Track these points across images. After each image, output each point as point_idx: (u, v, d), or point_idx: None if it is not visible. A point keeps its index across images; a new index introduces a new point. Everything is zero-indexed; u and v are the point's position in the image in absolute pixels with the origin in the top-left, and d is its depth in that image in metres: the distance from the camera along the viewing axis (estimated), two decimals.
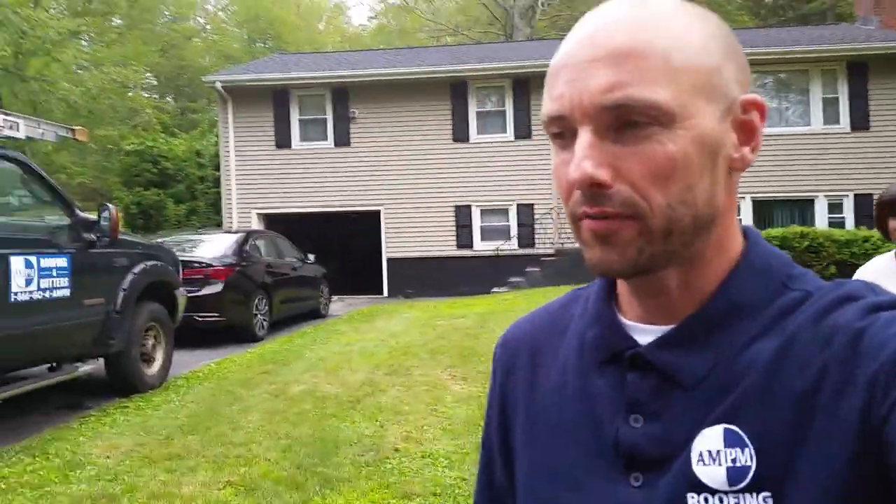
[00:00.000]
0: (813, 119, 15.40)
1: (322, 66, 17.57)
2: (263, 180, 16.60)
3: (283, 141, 16.65)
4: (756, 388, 0.59)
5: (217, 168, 19.43)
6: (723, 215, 0.64)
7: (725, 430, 0.59)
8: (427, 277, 15.84)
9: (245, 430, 5.43)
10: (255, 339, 9.37)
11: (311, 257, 12.23)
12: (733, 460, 0.58)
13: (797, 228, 13.40)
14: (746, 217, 15.34)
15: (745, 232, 0.68)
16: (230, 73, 17.90)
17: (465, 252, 16.08)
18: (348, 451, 4.98)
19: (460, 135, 16.22)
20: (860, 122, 15.31)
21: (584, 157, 0.59)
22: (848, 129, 15.33)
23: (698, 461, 0.59)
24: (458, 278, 15.50)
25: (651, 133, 0.58)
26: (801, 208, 15.07)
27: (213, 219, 20.88)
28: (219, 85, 16.38)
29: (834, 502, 0.54)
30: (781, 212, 15.11)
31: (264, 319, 9.79)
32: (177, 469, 4.58)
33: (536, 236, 15.82)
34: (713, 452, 0.59)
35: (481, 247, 16.08)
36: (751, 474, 0.58)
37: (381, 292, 16.38)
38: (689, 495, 0.59)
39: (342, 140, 16.52)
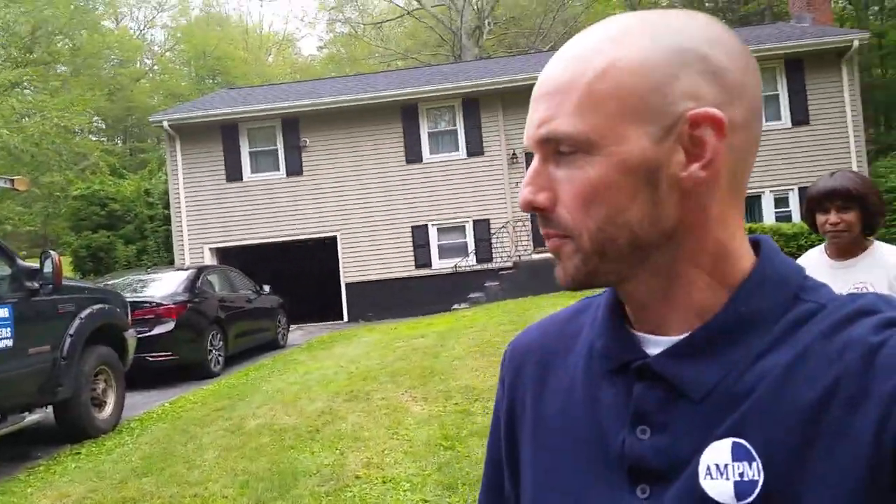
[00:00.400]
0: None
1: (271, 97, 17.51)
2: (215, 215, 16.39)
3: (233, 174, 16.49)
4: (765, 401, 0.58)
5: (167, 206, 19.13)
6: (687, 232, 0.63)
7: (734, 443, 0.58)
8: (387, 300, 15.76)
9: (201, 469, 5.28)
10: (210, 375, 9.17)
11: (267, 288, 12.07)
12: (741, 474, 0.57)
13: (745, 224, 13.71)
14: None
15: (759, 243, 0.67)
16: (177, 111, 17.74)
17: (424, 271, 16.05)
18: (308, 483, 4.88)
19: (413, 156, 16.28)
20: (800, 116, 15.78)
21: (526, 184, 0.65)
22: (789, 124, 15.78)
23: (706, 475, 0.58)
24: (419, 298, 15.45)
25: (576, 160, 0.62)
26: (749, 204, 15.40)
27: (164, 257, 20.51)
28: (166, 124, 16.21)
29: None
30: None
31: (219, 355, 9.60)
32: None
33: (494, 251, 15.89)
34: (721, 466, 0.58)
35: (440, 265, 16.08)
36: (758, 489, 0.56)
37: (341, 318, 16.24)
38: None
39: (294, 169, 16.43)
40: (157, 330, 8.72)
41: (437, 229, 16.16)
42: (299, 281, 18.56)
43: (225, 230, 16.37)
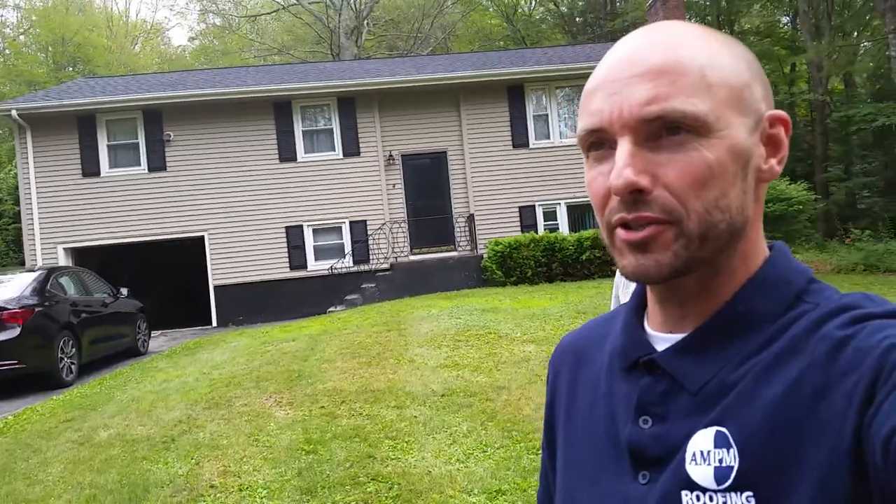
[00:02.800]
0: None
1: (132, 88, 16.57)
2: (70, 212, 15.31)
3: (90, 169, 15.48)
4: (745, 393, 0.62)
5: (17, 202, 17.67)
6: (751, 225, 0.68)
7: (716, 432, 0.62)
8: (259, 303, 15.34)
9: (43, 484, 4.97)
10: (61, 384, 8.58)
11: (125, 291, 11.42)
12: (720, 460, 0.61)
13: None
14: (562, 221, 16.34)
15: (772, 247, 0.71)
16: (28, 99, 16.40)
17: (300, 273, 15.77)
18: (159, 494, 4.71)
19: (287, 154, 15.93)
20: None
21: (626, 165, 0.62)
22: None
23: (692, 461, 0.63)
24: (293, 300, 15.16)
25: (688, 141, 0.62)
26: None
27: (14, 258, 18.95)
28: (14, 113, 14.92)
29: (820, 501, 0.55)
30: (592, 214, 16.18)
31: (72, 363, 9.00)
32: None
33: (371, 252, 15.86)
34: (704, 453, 0.62)
35: (315, 266, 15.85)
36: (734, 474, 0.60)
37: (209, 322, 15.61)
38: (683, 493, 0.62)
39: (157, 165, 15.64)
40: (2, 336, 8.06)
41: (313, 230, 15.92)
42: (164, 284, 17.71)
43: (81, 229, 15.33)
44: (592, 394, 0.77)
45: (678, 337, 0.69)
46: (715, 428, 0.62)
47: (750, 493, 0.59)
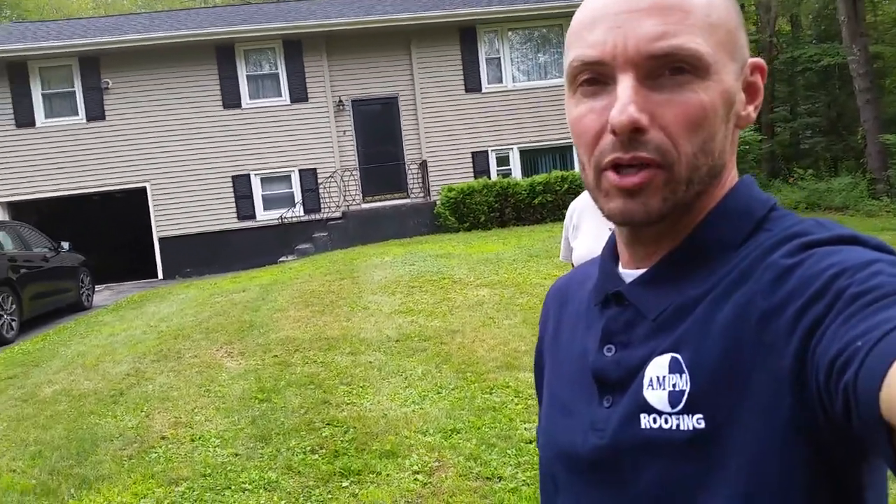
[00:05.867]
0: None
1: (67, 33, 15.66)
2: (4, 165, 14.60)
3: (24, 119, 14.72)
4: (699, 319, 0.63)
5: None
6: (726, 168, 0.68)
7: (671, 357, 0.64)
8: (207, 254, 14.99)
9: None
10: (2, 342, 8.31)
11: (67, 245, 11.02)
12: (673, 385, 0.63)
13: (559, 173, 14.55)
14: (515, 166, 16.30)
15: (739, 180, 0.72)
16: None
17: (248, 223, 15.44)
18: (108, 447, 4.62)
19: (231, 101, 15.38)
20: None
21: (630, 101, 0.61)
22: None
23: (648, 385, 0.65)
24: (243, 251, 14.87)
25: (687, 82, 0.61)
26: (562, 154, 16.27)
27: None
28: None
29: (765, 424, 0.57)
30: (545, 159, 16.22)
31: (12, 319, 8.70)
32: None
33: (322, 201, 15.59)
34: (660, 378, 0.64)
35: (265, 216, 15.53)
36: (685, 398, 0.61)
37: (155, 275, 15.21)
38: (641, 415, 0.65)
39: (96, 114, 14.95)
40: None
41: (261, 179, 15.54)
42: (107, 237, 17.18)
43: (17, 182, 14.65)
44: (573, 332, 0.79)
45: (640, 272, 0.71)
46: (670, 354, 0.64)
47: (700, 416, 0.60)
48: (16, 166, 14.65)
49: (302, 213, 15.50)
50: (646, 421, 0.64)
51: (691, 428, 0.61)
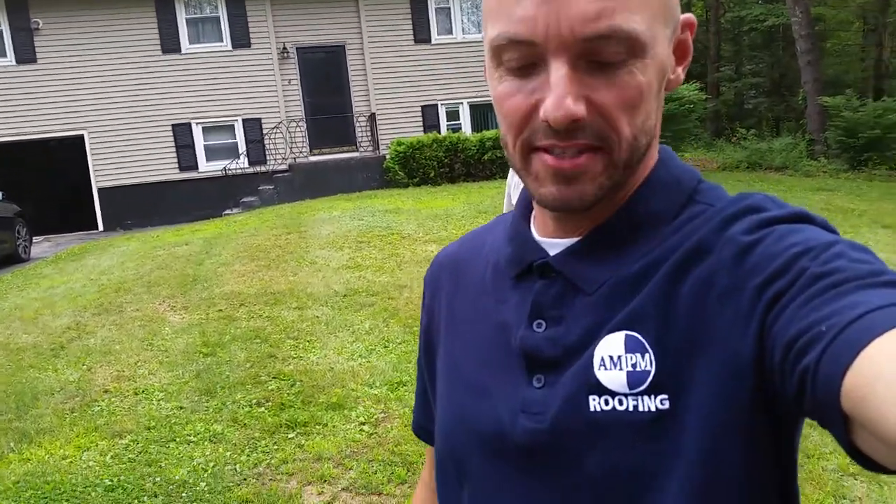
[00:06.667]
0: None
1: None
2: None
3: None
4: (654, 295, 0.60)
5: None
6: (656, 138, 0.64)
7: (627, 336, 0.60)
8: (148, 206, 14.59)
9: None
10: None
11: (0, 195, 10.58)
12: (633, 365, 0.59)
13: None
14: (465, 121, 16.25)
15: (660, 150, 0.68)
16: None
17: (190, 174, 15.04)
18: (50, 401, 4.57)
19: (170, 45, 14.78)
20: None
21: (566, 94, 0.55)
22: None
23: (600, 366, 0.60)
24: (185, 203, 14.52)
25: (624, 63, 0.56)
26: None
27: None
28: None
29: (724, 402, 0.55)
30: (495, 115, 16.15)
31: None
32: None
33: (267, 152, 15.27)
34: (614, 358, 0.59)
35: (207, 168, 15.14)
36: (650, 378, 0.58)
37: (95, 227, 14.75)
38: (590, 397, 0.60)
39: (26, 56, 14.18)
40: None
41: (203, 128, 15.10)
42: (44, 187, 16.50)
43: None
44: (476, 307, 0.73)
45: (567, 241, 0.67)
46: (624, 332, 0.60)
47: (664, 396, 0.58)
48: None
49: (247, 165, 15.17)
50: (595, 403, 0.60)
51: (654, 409, 0.58)
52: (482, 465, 0.68)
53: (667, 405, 0.57)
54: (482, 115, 16.22)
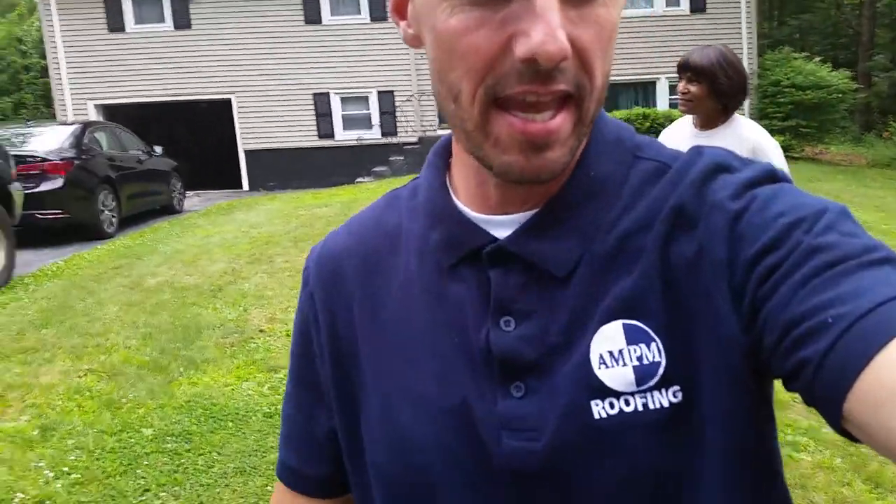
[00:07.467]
0: (656, 2, 15.91)
1: None
2: (98, 68, 15.17)
3: (115, 24, 15.18)
4: (649, 273, 0.52)
5: (43, 56, 17.52)
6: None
7: (625, 325, 0.52)
8: (289, 169, 15.46)
9: (102, 321, 5.30)
10: (104, 236, 8.90)
11: (159, 150, 11.54)
12: (639, 358, 0.51)
13: (639, 110, 14.13)
14: None
15: None
16: None
17: (328, 142, 15.77)
18: (212, 335, 5.03)
19: (312, 16, 15.43)
20: (698, 4, 15.93)
21: (559, 25, 0.45)
22: (687, 10, 15.90)
23: (600, 364, 0.51)
24: (322, 169, 15.26)
25: None
26: (644, 90, 15.83)
27: (44, 112, 19.01)
28: None
29: (730, 381, 0.50)
30: (625, 95, 15.83)
31: (112, 216, 9.29)
32: (32, 361, 4.47)
33: (398, 124, 15.73)
34: (615, 353, 0.51)
35: (343, 136, 15.81)
36: (661, 370, 0.51)
37: (240, 186, 15.83)
38: (592, 402, 0.51)
39: (182, 22, 15.29)
40: (45, 186, 8.27)
41: (340, 99, 15.75)
42: (195, 145, 17.79)
43: (110, 86, 15.26)
44: (407, 307, 0.60)
45: (510, 217, 0.56)
46: (621, 321, 0.52)
47: (677, 387, 0.51)
48: (108, 70, 15.21)
49: (379, 136, 15.71)
50: (598, 409, 0.51)
51: (667, 404, 0.51)
52: (463, 494, 0.56)
53: (680, 397, 0.51)
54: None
